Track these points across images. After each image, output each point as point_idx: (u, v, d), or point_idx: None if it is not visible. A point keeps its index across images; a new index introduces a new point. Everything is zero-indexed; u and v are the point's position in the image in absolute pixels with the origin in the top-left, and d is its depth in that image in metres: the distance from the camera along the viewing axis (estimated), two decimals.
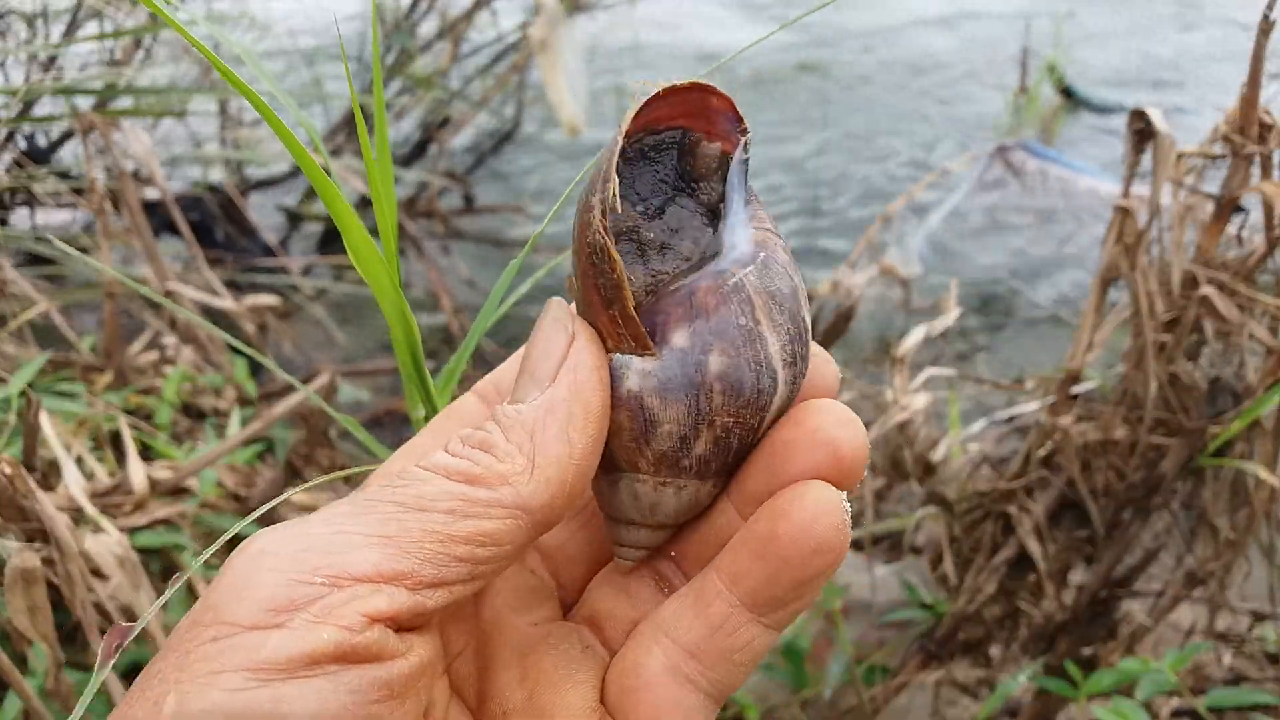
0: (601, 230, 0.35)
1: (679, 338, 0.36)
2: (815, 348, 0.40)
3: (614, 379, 0.37)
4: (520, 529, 0.35)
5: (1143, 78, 4.49)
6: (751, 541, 0.36)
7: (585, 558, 0.44)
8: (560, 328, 0.37)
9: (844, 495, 0.35)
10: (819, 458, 0.36)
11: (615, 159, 0.36)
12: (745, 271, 0.36)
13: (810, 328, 0.38)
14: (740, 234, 0.38)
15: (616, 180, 0.36)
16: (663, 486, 0.38)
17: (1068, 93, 4.13)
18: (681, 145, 0.39)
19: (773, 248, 0.38)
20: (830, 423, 0.36)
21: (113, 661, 0.33)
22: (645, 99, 0.37)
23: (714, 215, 0.39)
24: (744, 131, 0.39)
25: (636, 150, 0.39)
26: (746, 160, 0.39)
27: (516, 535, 0.35)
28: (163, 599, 0.36)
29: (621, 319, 0.36)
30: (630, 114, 0.37)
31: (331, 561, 0.31)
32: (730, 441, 0.37)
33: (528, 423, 0.36)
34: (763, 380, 0.36)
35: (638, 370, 0.37)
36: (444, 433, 0.41)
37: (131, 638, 0.34)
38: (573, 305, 0.39)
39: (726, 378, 0.36)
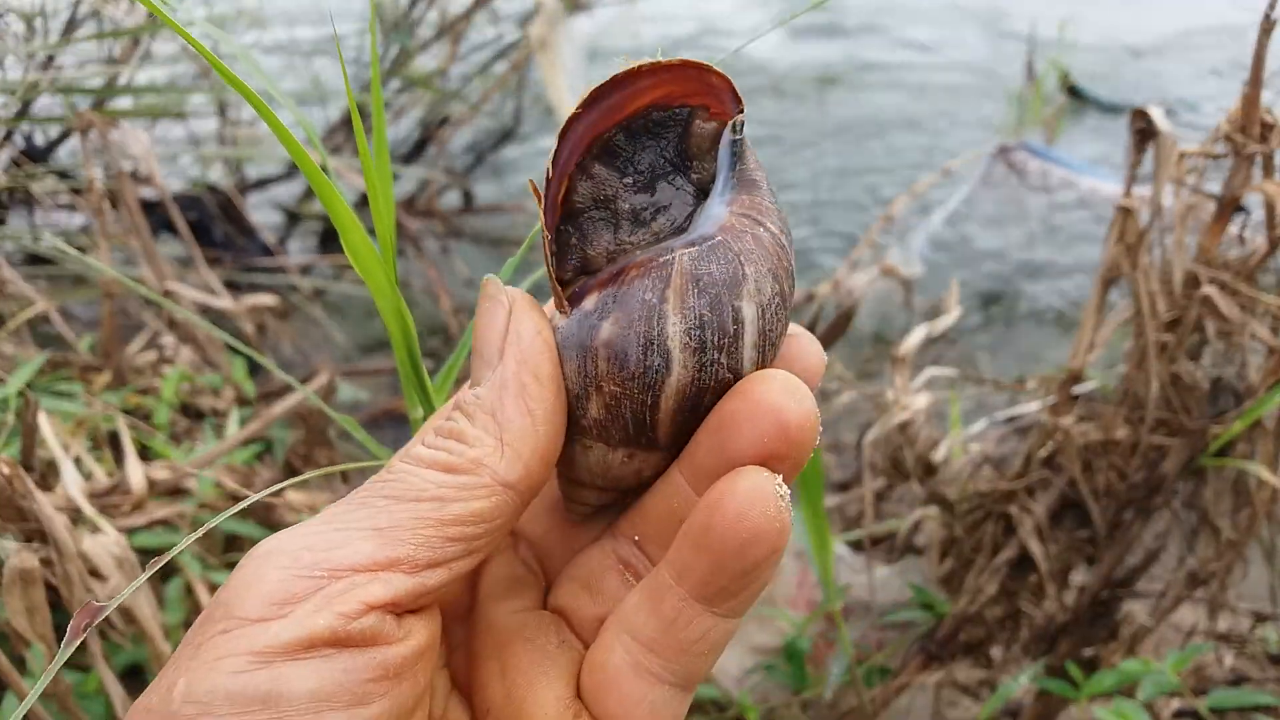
0: (535, 196, 0.37)
1: (589, 301, 0.37)
2: (799, 330, 0.40)
3: None
4: (505, 503, 0.36)
5: (1144, 78, 4.49)
6: (691, 534, 0.36)
7: (566, 549, 0.45)
8: (496, 304, 0.38)
9: (778, 479, 0.35)
10: (764, 428, 0.35)
11: (562, 128, 0.37)
12: (684, 251, 0.36)
13: (759, 323, 0.37)
14: (712, 215, 0.38)
15: (552, 150, 0.38)
16: (571, 442, 0.39)
17: (1075, 92, 4.13)
18: (684, 123, 0.39)
19: (739, 234, 0.37)
20: (775, 390, 0.36)
21: (79, 641, 0.35)
22: (617, 73, 0.37)
23: (705, 195, 0.39)
24: (740, 110, 0.38)
25: (642, 124, 0.39)
26: (738, 141, 0.38)
27: (503, 509, 0.36)
28: (138, 581, 0.35)
29: (549, 277, 0.38)
30: (593, 86, 0.37)
31: (329, 556, 0.33)
32: (622, 412, 0.37)
33: (487, 404, 0.37)
34: (651, 358, 0.36)
35: (556, 326, 0.38)
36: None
37: (101, 618, 0.35)
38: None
39: (611, 346, 0.36)
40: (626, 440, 0.38)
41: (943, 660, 1.22)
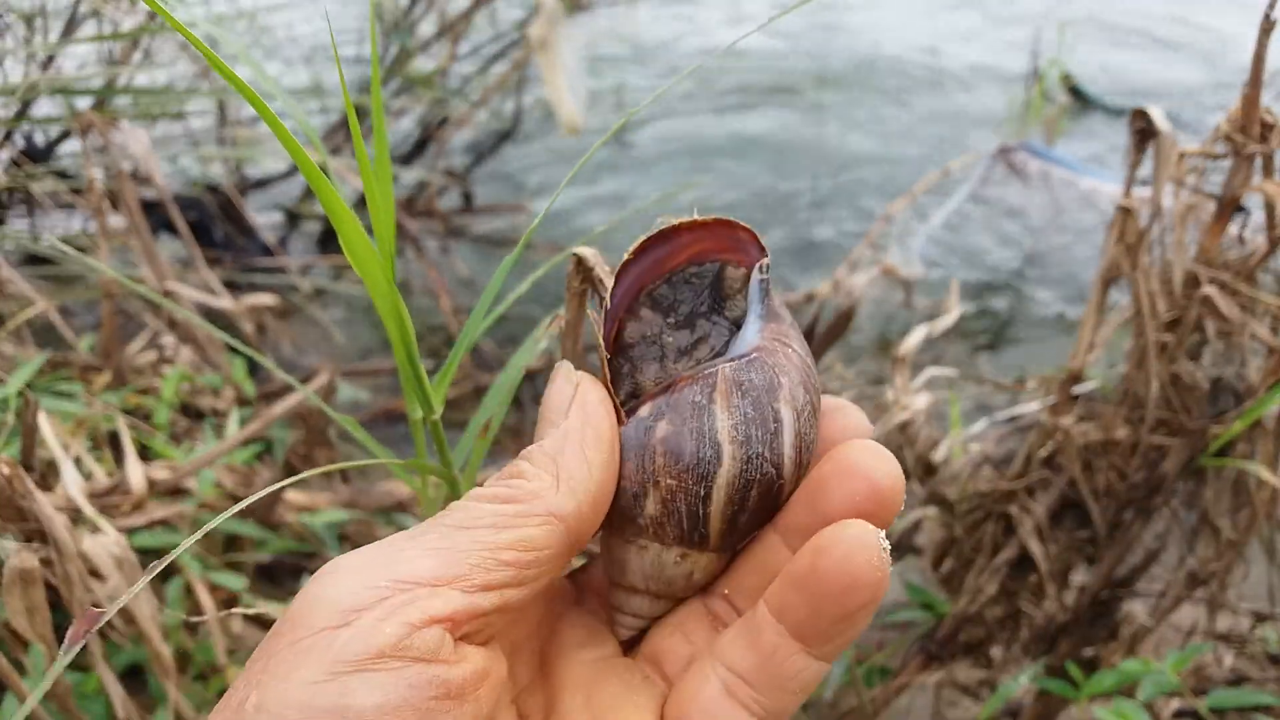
0: (595, 327, 0.44)
1: (644, 409, 0.42)
2: (842, 403, 0.45)
3: None
4: (555, 533, 0.39)
5: (1147, 79, 4.48)
6: (794, 576, 0.39)
7: None
8: (568, 380, 0.43)
9: (881, 534, 0.37)
10: (856, 489, 0.39)
11: (617, 271, 0.44)
12: (725, 365, 0.42)
13: (795, 424, 0.41)
14: (747, 339, 0.43)
15: (609, 290, 0.45)
16: (627, 544, 0.44)
17: (1078, 93, 4.13)
18: (717, 274, 0.46)
19: (772, 352, 0.42)
20: (867, 458, 0.40)
21: (79, 646, 0.35)
22: (663, 228, 0.45)
23: (738, 328, 0.45)
24: (764, 256, 0.45)
25: (682, 277, 0.46)
26: (765, 280, 0.45)
27: (553, 539, 0.39)
28: (138, 586, 0.35)
29: (607, 392, 0.43)
30: (641, 238, 0.45)
31: (393, 571, 0.36)
32: (678, 505, 0.41)
33: (549, 449, 0.41)
34: (703, 450, 0.40)
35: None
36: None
37: (100, 624, 0.35)
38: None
39: (667, 441, 0.41)
40: (681, 538, 0.42)
41: (943, 660, 1.22)
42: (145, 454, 1.29)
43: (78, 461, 1.17)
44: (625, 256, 0.44)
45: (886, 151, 3.85)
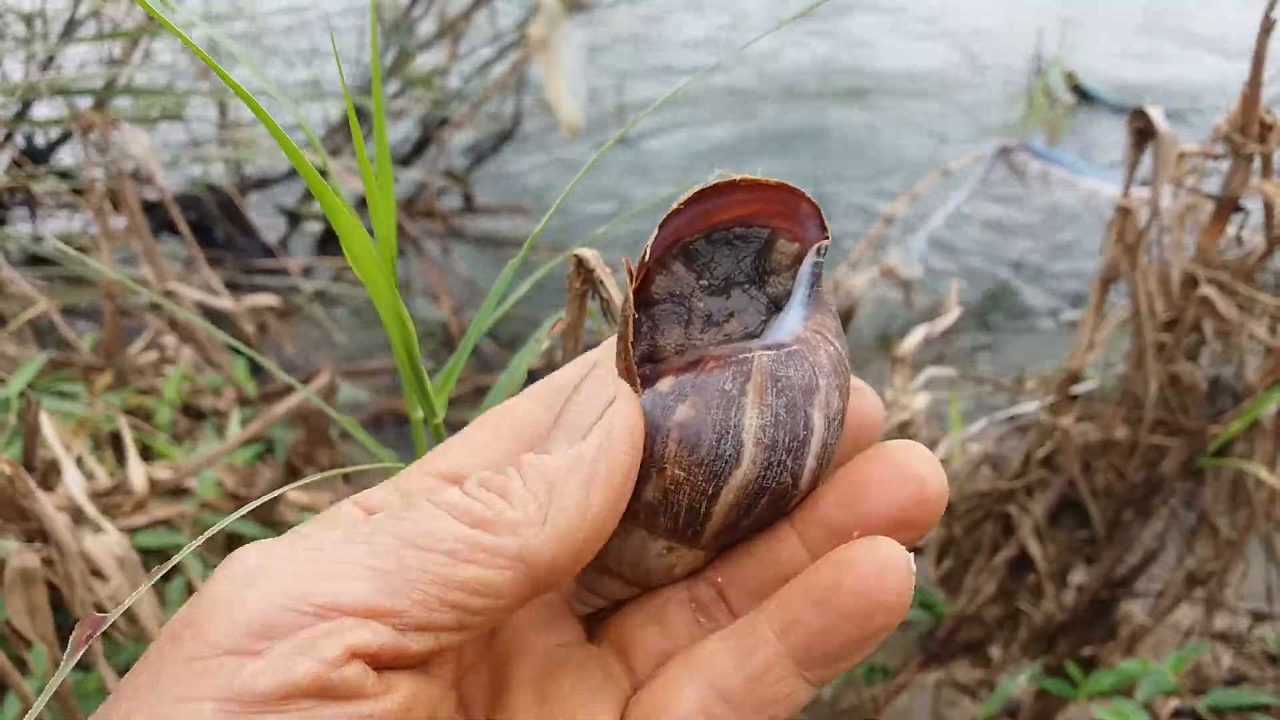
0: (628, 275, 0.38)
1: (664, 383, 0.37)
2: (858, 384, 0.41)
3: None
4: (519, 582, 0.33)
5: (1148, 81, 4.49)
6: (810, 589, 0.35)
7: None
8: (603, 386, 0.36)
9: (911, 557, 0.35)
10: (904, 493, 0.36)
11: (663, 219, 0.38)
12: (764, 353, 0.37)
13: (824, 433, 0.37)
14: (788, 326, 0.38)
15: (652, 237, 0.38)
16: None
17: (1082, 93, 4.12)
18: (765, 242, 0.41)
19: (814, 347, 0.38)
20: (917, 460, 0.36)
21: (81, 652, 0.33)
22: (719, 181, 0.39)
23: (777, 308, 0.41)
24: (825, 237, 0.40)
25: (724, 236, 0.41)
26: (819, 264, 0.40)
27: (515, 589, 0.33)
28: (137, 593, 0.35)
29: (619, 349, 0.38)
30: (695, 188, 0.39)
31: (321, 589, 0.31)
32: (679, 498, 0.37)
33: (549, 473, 0.34)
34: (724, 446, 0.36)
35: None
36: (483, 442, 0.39)
37: (102, 630, 0.34)
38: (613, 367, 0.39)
39: (686, 428, 0.36)
40: (672, 531, 0.38)
41: (942, 660, 1.22)
42: (147, 454, 1.30)
43: (79, 461, 1.17)
44: (674, 206, 0.39)
45: (887, 152, 3.85)
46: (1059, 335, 2.70)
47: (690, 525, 0.37)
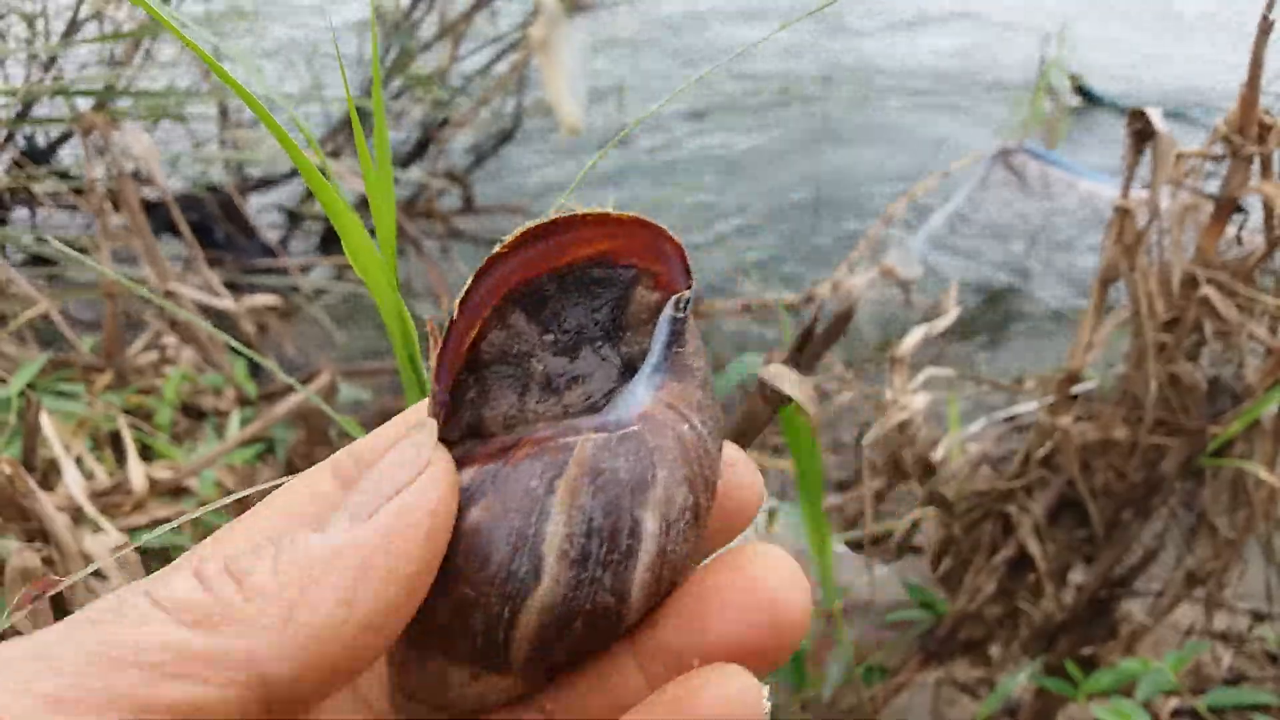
0: (431, 339, 0.32)
1: (466, 474, 0.30)
2: (737, 455, 0.34)
3: None
4: (247, 704, 0.25)
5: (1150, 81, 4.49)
6: None
7: None
8: (414, 453, 0.29)
9: (767, 690, 0.29)
10: (753, 617, 0.29)
11: (481, 267, 0.32)
12: (589, 438, 0.30)
13: (660, 540, 0.30)
14: (634, 400, 0.32)
15: (464, 288, 0.32)
16: (408, 643, 0.32)
17: (1086, 94, 4.12)
18: (626, 288, 0.34)
19: (659, 428, 0.31)
20: (773, 573, 0.30)
21: (24, 613, 0.32)
22: (557, 217, 0.32)
23: (632, 372, 0.33)
24: (689, 285, 0.33)
25: (578, 279, 0.34)
26: (680, 319, 0.33)
27: (242, 711, 0.25)
28: (118, 554, 0.35)
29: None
30: (525, 226, 0.32)
31: None
32: (473, 621, 0.30)
33: (308, 560, 0.27)
34: (517, 562, 0.29)
35: None
36: (269, 527, 0.31)
37: (54, 592, 0.33)
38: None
39: (474, 537, 0.29)
40: (473, 656, 0.31)
41: (942, 659, 1.22)
42: (146, 454, 1.30)
43: (79, 461, 1.17)
44: (497, 249, 0.32)
45: (887, 152, 3.85)
46: (1058, 336, 2.71)
47: (492, 653, 0.31)
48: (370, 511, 0.28)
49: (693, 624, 0.30)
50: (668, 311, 0.33)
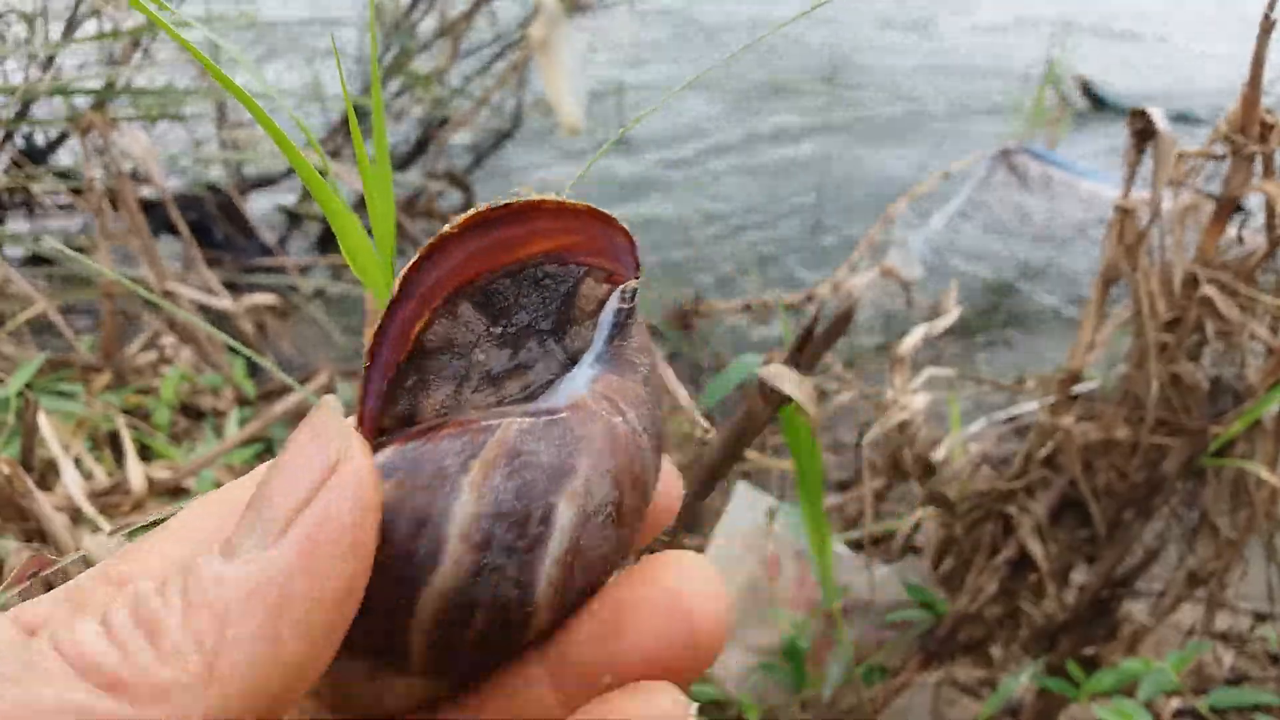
0: (371, 321, 0.29)
1: (384, 454, 0.28)
2: (665, 465, 0.33)
3: None
4: None
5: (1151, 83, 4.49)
6: None
7: None
8: (318, 443, 0.25)
9: (694, 708, 0.27)
10: (669, 631, 0.27)
11: (430, 245, 0.31)
12: (514, 421, 0.29)
13: (574, 534, 0.28)
14: (569, 389, 0.31)
15: (407, 266, 0.31)
16: None
17: (1094, 97, 4.12)
18: (575, 283, 0.33)
19: (588, 417, 0.30)
20: (689, 582, 0.28)
21: (19, 589, 0.31)
22: (512, 203, 0.31)
23: (575, 365, 0.33)
24: (636, 276, 0.32)
25: (531, 275, 0.33)
26: (626, 311, 0.32)
27: None
28: (102, 536, 0.35)
29: (358, 419, 0.31)
30: (479, 208, 0.31)
31: None
32: (368, 604, 0.27)
33: (219, 600, 0.23)
34: (419, 544, 0.27)
35: None
36: (202, 531, 0.29)
37: (49, 571, 0.32)
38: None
39: (383, 514, 0.27)
40: (371, 649, 0.29)
41: (942, 659, 1.22)
42: (145, 454, 1.30)
43: (78, 461, 1.17)
44: (445, 229, 0.31)
45: (887, 152, 3.85)
46: (1059, 336, 2.70)
47: (390, 644, 0.28)
48: (281, 527, 0.24)
49: (607, 636, 0.28)
50: (612, 303, 0.32)
